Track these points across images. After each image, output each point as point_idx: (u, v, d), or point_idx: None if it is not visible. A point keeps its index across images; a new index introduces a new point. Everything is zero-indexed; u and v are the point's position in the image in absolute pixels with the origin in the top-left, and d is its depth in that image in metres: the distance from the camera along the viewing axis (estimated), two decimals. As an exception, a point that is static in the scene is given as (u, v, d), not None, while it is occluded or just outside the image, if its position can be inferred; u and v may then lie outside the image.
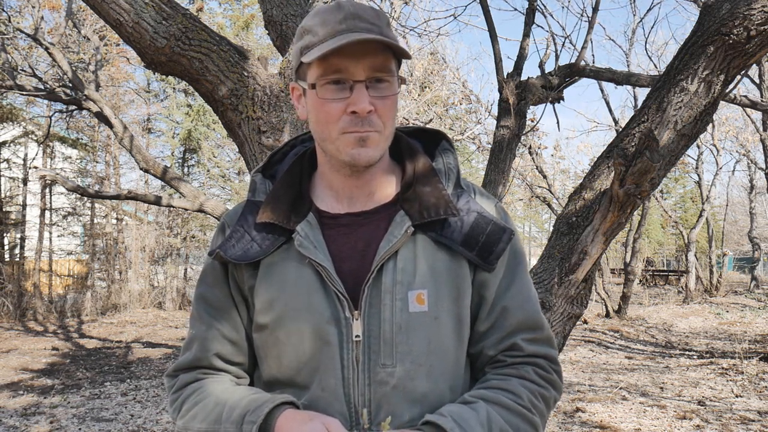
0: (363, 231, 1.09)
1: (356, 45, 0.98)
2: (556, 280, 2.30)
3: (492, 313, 1.10)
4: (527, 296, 1.13)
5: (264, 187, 1.15)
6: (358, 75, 0.99)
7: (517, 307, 1.10)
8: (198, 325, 1.14)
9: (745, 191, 25.56)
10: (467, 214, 1.09)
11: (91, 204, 15.88)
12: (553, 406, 1.10)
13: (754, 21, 2.00)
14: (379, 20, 1.02)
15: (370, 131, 1.01)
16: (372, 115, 1.01)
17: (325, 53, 0.97)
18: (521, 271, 1.14)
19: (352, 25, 0.99)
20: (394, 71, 1.03)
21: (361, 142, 1.02)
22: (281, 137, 2.32)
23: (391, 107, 1.03)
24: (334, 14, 1.01)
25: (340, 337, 1.03)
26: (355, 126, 1.01)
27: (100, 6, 2.11)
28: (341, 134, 1.02)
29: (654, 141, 1.95)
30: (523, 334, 1.09)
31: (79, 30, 9.39)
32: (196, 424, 1.06)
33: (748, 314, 14.26)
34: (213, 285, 1.14)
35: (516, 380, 1.07)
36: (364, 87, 1.00)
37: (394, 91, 1.03)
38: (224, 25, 18.18)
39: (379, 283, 1.04)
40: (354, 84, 1.00)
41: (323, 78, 1.01)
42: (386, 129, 1.04)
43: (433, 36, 11.60)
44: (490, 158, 4.02)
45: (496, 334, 1.09)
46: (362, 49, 0.99)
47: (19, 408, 6.06)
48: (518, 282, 1.12)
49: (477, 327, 1.10)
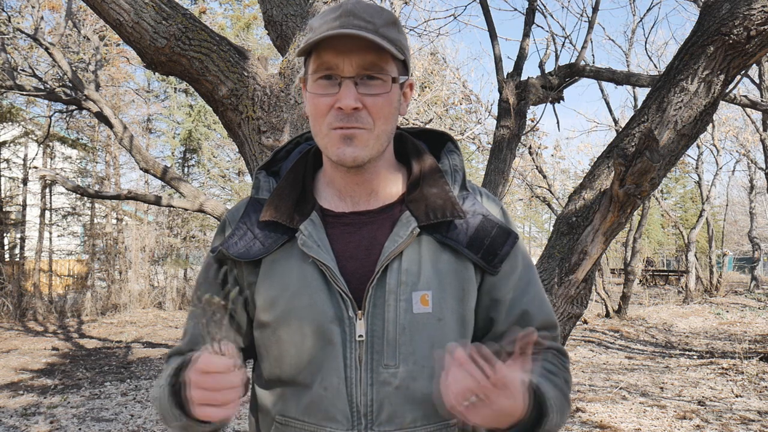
0: (367, 230, 1.08)
1: (347, 41, 0.98)
2: (556, 280, 2.31)
3: (511, 315, 1.10)
4: (543, 298, 1.16)
5: (268, 184, 1.15)
6: (347, 71, 0.99)
7: (537, 311, 1.12)
8: (190, 320, 1.19)
9: (745, 191, 25.58)
10: (473, 216, 1.09)
11: (91, 204, 15.88)
12: (569, 399, 1.12)
13: (754, 21, 2.00)
14: (379, 18, 1.01)
15: (356, 128, 1.01)
16: (360, 112, 1.00)
17: (308, 45, 1.00)
18: (533, 273, 1.15)
19: (346, 22, 0.99)
20: (389, 70, 1.02)
21: (347, 140, 1.01)
22: (281, 137, 2.32)
23: (384, 105, 1.02)
24: (333, 12, 1.02)
25: (343, 337, 1.03)
26: (341, 122, 1.01)
27: (100, 6, 2.11)
28: (330, 130, 1.02)
29: (654, 141, 1.95)
30: (541, 333, 1.10)
31: (79, 30, 9.40)
32: (155, 389, 1.10)
33: (748, 314, 14.27)
34: (207, 282, 1.14)
35: (551, 361, 1.11)
36: (352, 83, 0.99)
37: (386, 89, 1.01)
38: (225, 26, 18.20)
39: (383, 284, 1.04)
40: (342, 80, 1.00)
41: (315, 74, 1.02)
42: (377, 127, 1.02)
43: (433, 36, 11.61)
44: (490, 158, 4.02)
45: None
46: (352, 46, 0.99)
47: (18, 408, 6.06)
48: (534, 285, 1.14)
49: (495, 328, 1.11)
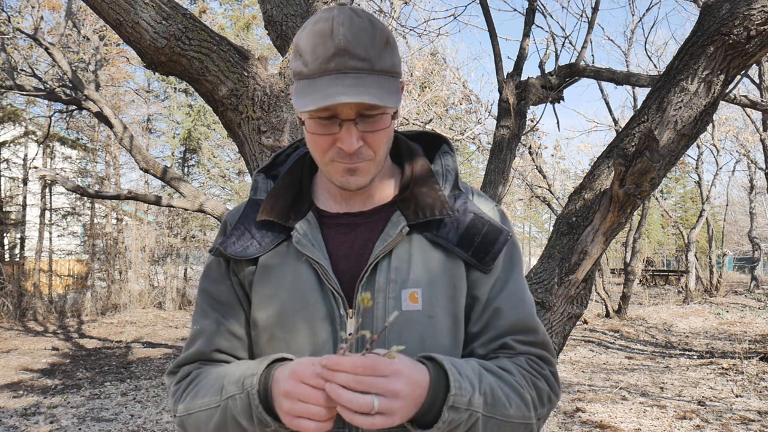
0: (361, 231, 1.10)
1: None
2: (556, 280, 2.30)
3: (484, 313, 1.09)
4: (521, 298, 1.11)
5: (266, 186, 1.17)
6: (347, 114, 0.98)
7: (510, 309, 1.09)
8: (202, 320, 1.15)
9: (745, 191, 25.58)
10: (464, 214, 1.10)
11: (91, 204, 15.89)
12: (548, 404, 1.07)
13: (754, 21, 2.00)
14: (372, 47, 0.97)
15: (359, 162, 1.02)
16: (361, 148, 1.01)
17: (309, 110, 0.96)
18: (517, 273, 1.13)
19: (341, 64, 0.96)
20: (388, 108, 1.01)
21: (351, 172, 1.03)
22: (281, 137, 2.32)
23: (383, 138, 1.02)
24: (325, 44, 0.97)
25: (334, 335, 1.04)
26: (343, 159, 1.02)
27: (99, 6, 2.11)
28: (332, 162, 1.03)
29: (654, 141, 1.95)
30: (515, 336, 1.08)
31: (79, 30, 9.40)
32: (197, 401, 1.05)
33: (748, 314, 14.27)
34: (218, 281, 1.14)
35: (507, 361, 1.06)
36: (353, 125, 0.99)
37: (386, 125, 1.01)
38: (225, 26, 18.20)
39: (372, 282, 1.05)
40: (343, 122, 0.99)
41: (313, 114, 1.00)
42: (377, 156, 1.04)
43: (433, 36, 11.60)
44: (489, 158, 4.02)
45: (487, 334, 1.08)
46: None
47: (19, 408, 6.06)
48: (512, 284, 1.11)
49: (469, 328, 1.10)
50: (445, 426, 0.92)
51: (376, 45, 0.98)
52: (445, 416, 0.91)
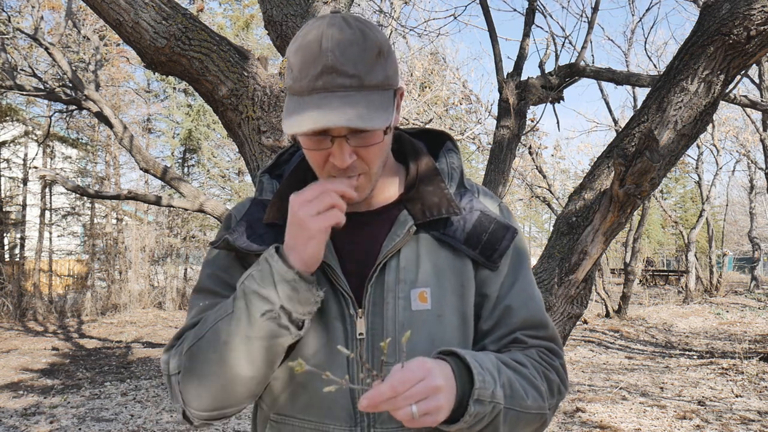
0: (367, 230, 1.10)
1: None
2: (556, 280, 2.31)
3: (495, 311, 1.10)
4: (531, 295, 1.13)
5: (271, 186, 1.16)
6: (338, 132, 0.98)
7: (521, 306, 1.10)
8: (209, 299, 1.09)
9: (745, 191, 25.58)
10: (470, 212, 1.10)
11: (91, 204, 15.88)
12: (558, 395, 1.09)
13: (754, 21, 2.00)
14: (362, 62, 0.95)
15: (353, 176, 1.02)
16: (355, 162, 1.00)
17: (294, 133, 0.96)
18: (525, 269, 1.14)
19: (329, 82, 0.94)
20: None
21: None
22: (281, 137, 2.32)
23: (376, 152, 1.02)
24: (314, 61, 0.95)
25: (345, 335, 1.04)
26: (339, 174, 1.02)
27: (99, 6, 2.11)
28: (329, 176, 1.03)
29: (654, 141, 1.95)
30: (526, 331, 1.09)
31: (79, 30, 9.40)
32: (203, 343, 1.00)
33: (748, 314, 14.27)
34: (228, 267, 1.11)
35: (519, 353, 1.08)
36: (344, 141, 0.98)
37: (378, 140, 1.00)
38: (224, 26, 18.20)
39: (381, 282, 1.05)
40: (334, 138, 0.98)
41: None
42: (372, 168, 1.03)
43: (433, 36, 11.61)
44: (490, 158, 4.02)
45: (498, 331, 1.10)
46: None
47: (19, 408, 6.06)
48: (522, 280, 1.12)
49: (480, 326, 1.10)
50: (471, 419, 0.93)
51: (366, 59, 0.96)
52: (471, 409, 0.92)
